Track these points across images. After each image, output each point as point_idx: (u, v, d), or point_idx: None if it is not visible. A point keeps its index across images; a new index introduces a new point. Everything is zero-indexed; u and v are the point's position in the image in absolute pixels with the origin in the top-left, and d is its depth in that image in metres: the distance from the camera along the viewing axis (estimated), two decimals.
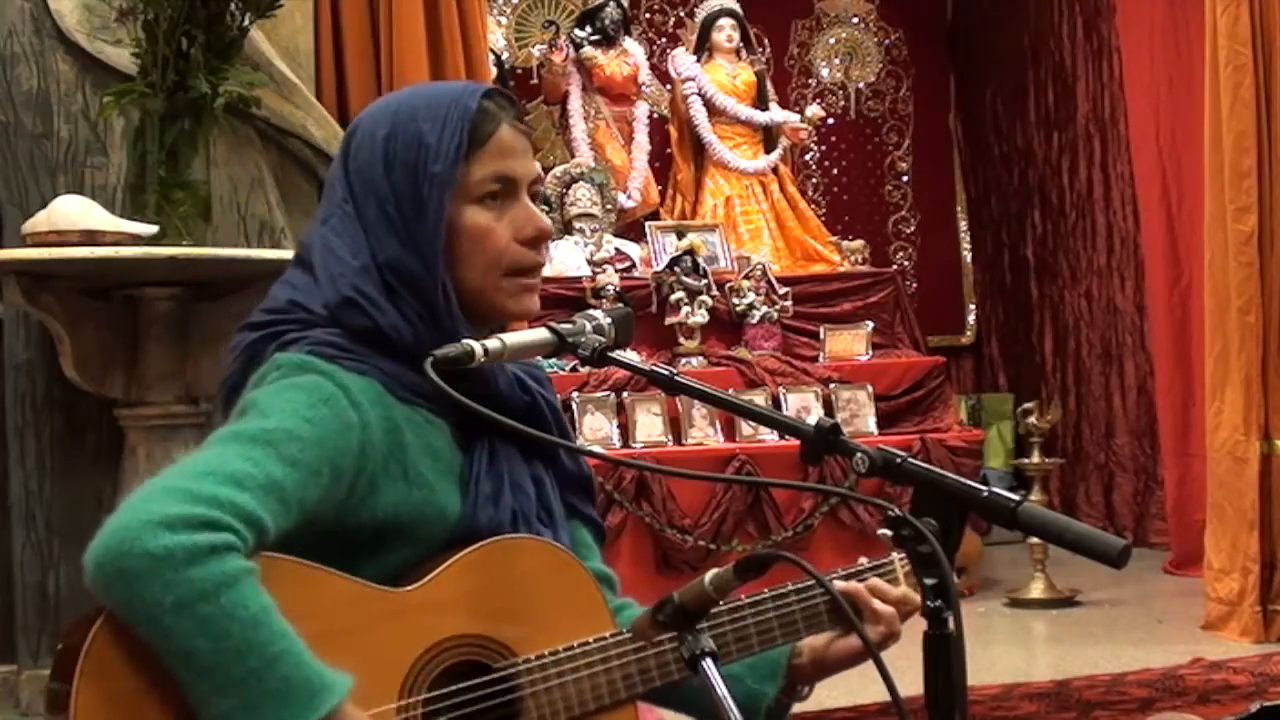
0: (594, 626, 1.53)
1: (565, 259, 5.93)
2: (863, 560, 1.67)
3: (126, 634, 1.30)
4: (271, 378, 1.48)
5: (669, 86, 6.91)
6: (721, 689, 1.31)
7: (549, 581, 1.52)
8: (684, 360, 5.64)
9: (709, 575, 1.34)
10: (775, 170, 6.71)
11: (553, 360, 4.05)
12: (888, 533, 1.59)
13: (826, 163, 7.76)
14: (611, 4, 6.67)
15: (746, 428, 5.35)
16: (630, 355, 1.64)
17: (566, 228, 6.17)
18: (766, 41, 7.52)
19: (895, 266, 7.36)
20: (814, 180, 7.69)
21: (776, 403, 5.40)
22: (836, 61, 7.83)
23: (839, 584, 1.61)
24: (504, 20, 7.09)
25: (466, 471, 1.57)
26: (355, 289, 1.54)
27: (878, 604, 1.59)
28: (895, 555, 1.64)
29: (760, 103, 6.73)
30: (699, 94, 6.63)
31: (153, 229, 3.35)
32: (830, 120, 7.64)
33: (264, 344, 1.54)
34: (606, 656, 1.51)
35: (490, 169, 1.57)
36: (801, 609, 1.59)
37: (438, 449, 1.55)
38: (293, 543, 1.38)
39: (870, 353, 5.90)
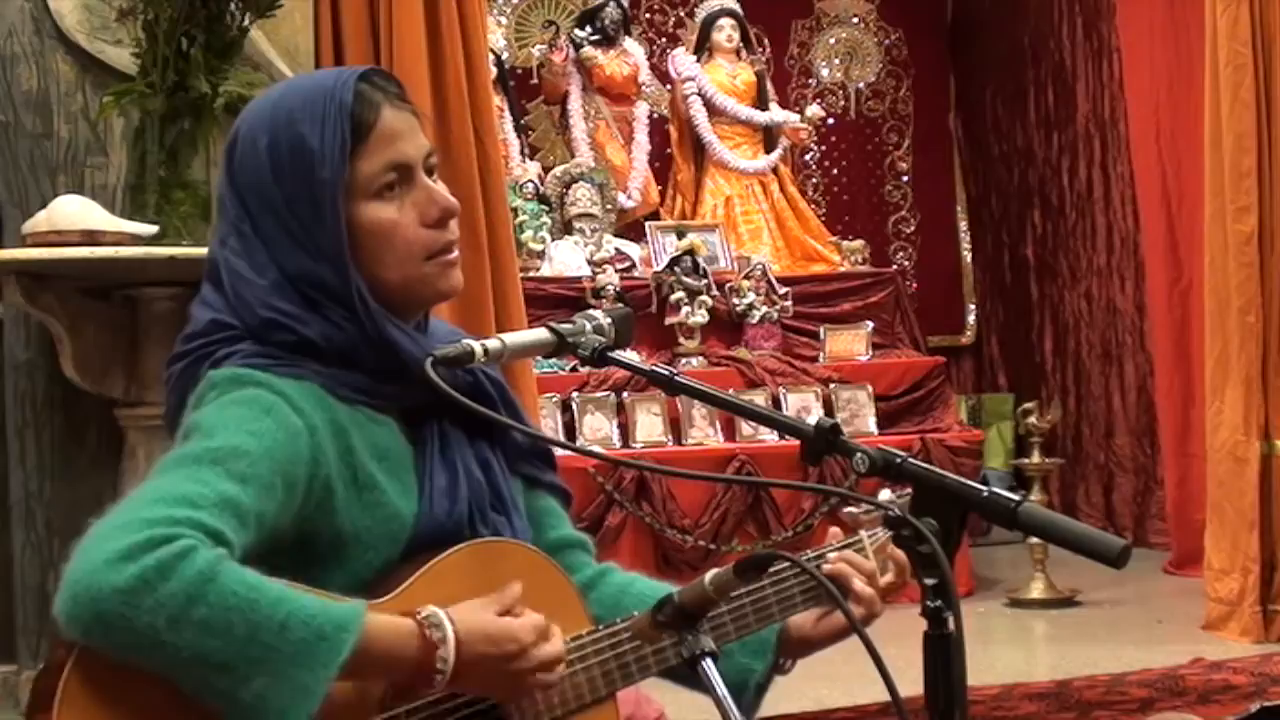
0: (572, 626, 1.52)
1: (565, 259, 5.93)
2: (832, 538, 1.70)
3: (103, 665, 1.28)
4: (210, 397, 1.45)
5: (669, 86, 6.91)
6: (721, 689, 1.31)
7: (527, 584, 1.51)
8: (684, 360, 5.64)
9: (709, 575, 1.35)
10: (775, 170, 6.71)
11: (553, 360, 4.06)
12: (855, 510, 1.62)
13: (826, 163, 7.76)
14: (611, 4, 6.67)
15: (746, 428, 5.35)
16: (630, 355, 1.64)
17: (566, 228, 6.18)
18: (766, 41, 7.52)
19: (895, 266, 7.36)
20: (814, 180, 7.69)
21: (776, 403, 5.41)
22: (836, 61, 7.84)
23: (825, 566, 1.63)
24: (504, 20, 7.09)
25: (419, 464, 1.55)
26: (271, 308, 1.49)
27: (859, 585, 1.62)
28: (864, 534, 1.68)
29: (760, 103, 6.73)
30: (699, 94, 6.63)
31: (153, 229, 3.35)
32: (830, 120, 7.64)
33: (195, 367, 1.51)
34: (584, 655, 1.51)
35: (380, 160, 1.51)
36: (776, 594, 1.61)
37: (386, 447, 1.52)
38: (256, 563, 1.35)
39: (870, 353, 5.91)
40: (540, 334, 1.50)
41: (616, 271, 5.76)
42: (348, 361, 1.50)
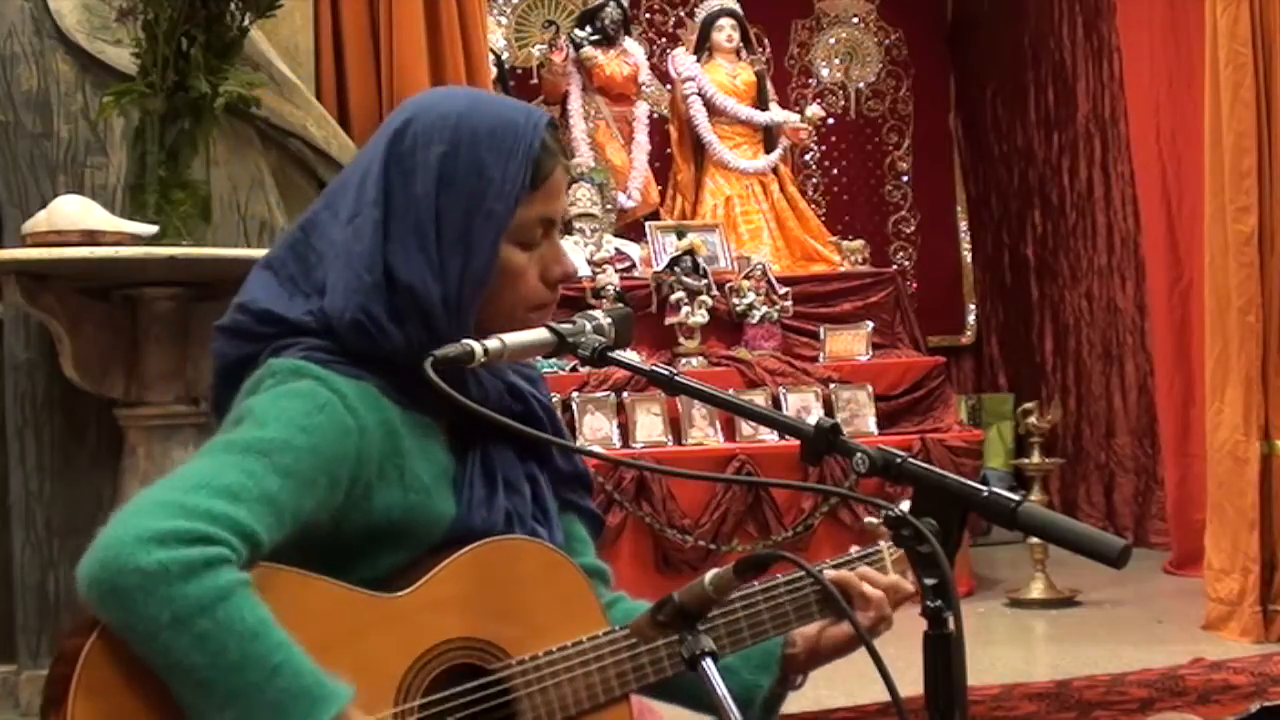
0: (587, 626, 1.53)
1: None
2: (853, 549, 1.69)
3: (121, 650, 1.29)
4: (267, 385, 1.46)
5: (669, 86, 6.92)
6: (721, 689, 1.31)
7: (542, 582, 1.52)
8: (684, 360, 5.64)
9: (709, 575, 1.34)
10: (775, 170, 6.71)
11: (553, 360, 4.06)
12: (875, 520, 1.61)
13: (826, 163, 7.77)
14: (611, 4, 6.67)
15: (746, 428, 5.35)
16: (630, 355, 1.64)
17: (566, 228, 6.17)
18: (766, 41, 7.52)
19: (895, 266, 7.36)
20: (814, 180, 7.69)
21: (776, 403, 5.40)
22: (836, 61, 7.84)
23: (829, 573, 1.62)
24: (504, 20, 7.09)
25: (459, 474, 1.56)
26: (364, 311, 1.49)
27: (867, 589, 1.61)
28: (883, 544, 1.67)
29: (760, 103, 6.73)
30: (699, 94, 6.63)
31: (153, 229, 3.35)
32: (830, 120, 7.64)
33: (255, 350, 1.52)
34: (600, 655, 1.51)
35: (539, 211, 1.54)
36: (791, 601, 1.60)
37: (432, 452, 1.54)
38: (283, 548, 1.37)
39: (870, 353, 5.90)
40: (540, 334, 1.50)
41: (616, 271, 5.76)
42: (405, 369, 1.51)
